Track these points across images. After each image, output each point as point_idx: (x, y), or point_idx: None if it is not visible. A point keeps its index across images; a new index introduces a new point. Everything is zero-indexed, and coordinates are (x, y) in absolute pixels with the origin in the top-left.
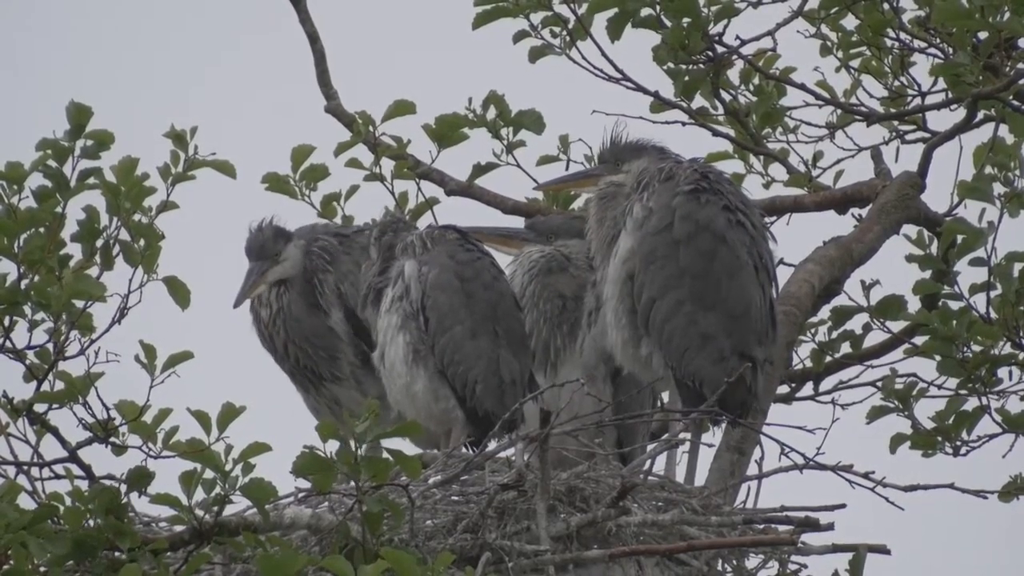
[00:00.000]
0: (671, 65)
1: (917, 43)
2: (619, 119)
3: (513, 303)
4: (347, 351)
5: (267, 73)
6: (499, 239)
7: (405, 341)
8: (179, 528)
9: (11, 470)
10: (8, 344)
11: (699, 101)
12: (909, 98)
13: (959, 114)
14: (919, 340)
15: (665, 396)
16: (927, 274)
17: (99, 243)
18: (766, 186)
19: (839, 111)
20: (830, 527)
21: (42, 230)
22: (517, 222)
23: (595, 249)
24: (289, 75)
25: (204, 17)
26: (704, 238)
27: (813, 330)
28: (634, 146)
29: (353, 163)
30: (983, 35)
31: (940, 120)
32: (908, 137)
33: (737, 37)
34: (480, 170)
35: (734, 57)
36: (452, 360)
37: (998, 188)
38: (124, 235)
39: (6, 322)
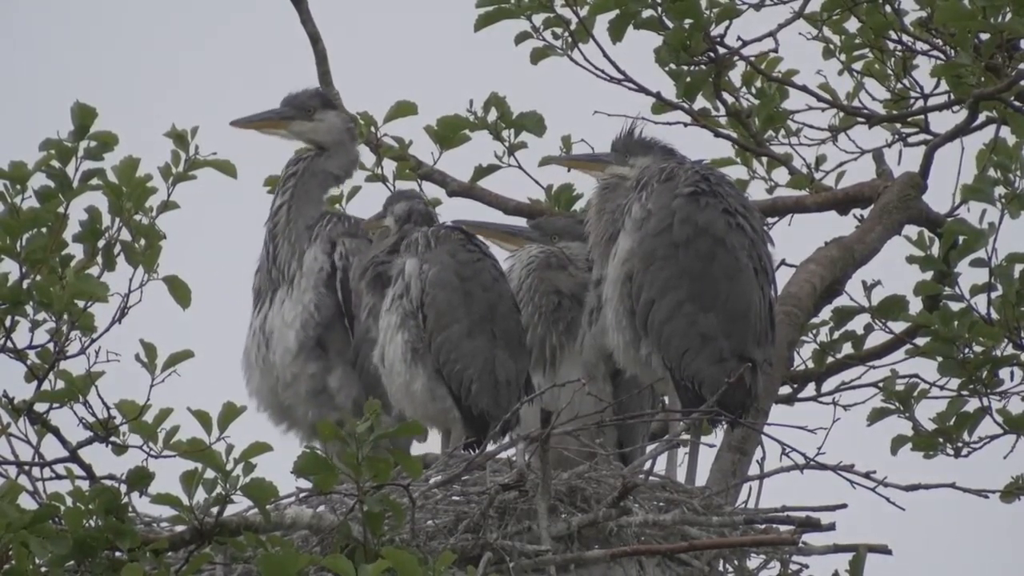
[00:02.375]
0: (673, 66)
1: (919, 45)
2: (639, 117)
3: (512, 305)
4: (308, 288)
5: (269, 73)
6: (503, 236)
7: (403, 340)
8: (180, 528)
9: (12, 470)
10: (9, 344)
11: (701, 102)
12: (911, 100)
13: (961, 115)
14: (920, 341)
15: (666, 397)
16: (928, 275)
17: (101, 243)
18: (769, 191)
19: (841, 113)
20: (831, 527)
21: (44, 230)
22: (519, 223)
23: (593, 243)
24: (291, 76)
25: (205, 17)
26: (703, 241)
27: (814, 331)
28: (644, 143)
29: None
30: (985, 36)
31: (942, 121)
32: (910, 139)
33: (739, 38)
34: (482, 171)
35: (735, 58)
36: (448, 359)
37: (999, 189)
38: (125, 235)
39: (8, 322)
